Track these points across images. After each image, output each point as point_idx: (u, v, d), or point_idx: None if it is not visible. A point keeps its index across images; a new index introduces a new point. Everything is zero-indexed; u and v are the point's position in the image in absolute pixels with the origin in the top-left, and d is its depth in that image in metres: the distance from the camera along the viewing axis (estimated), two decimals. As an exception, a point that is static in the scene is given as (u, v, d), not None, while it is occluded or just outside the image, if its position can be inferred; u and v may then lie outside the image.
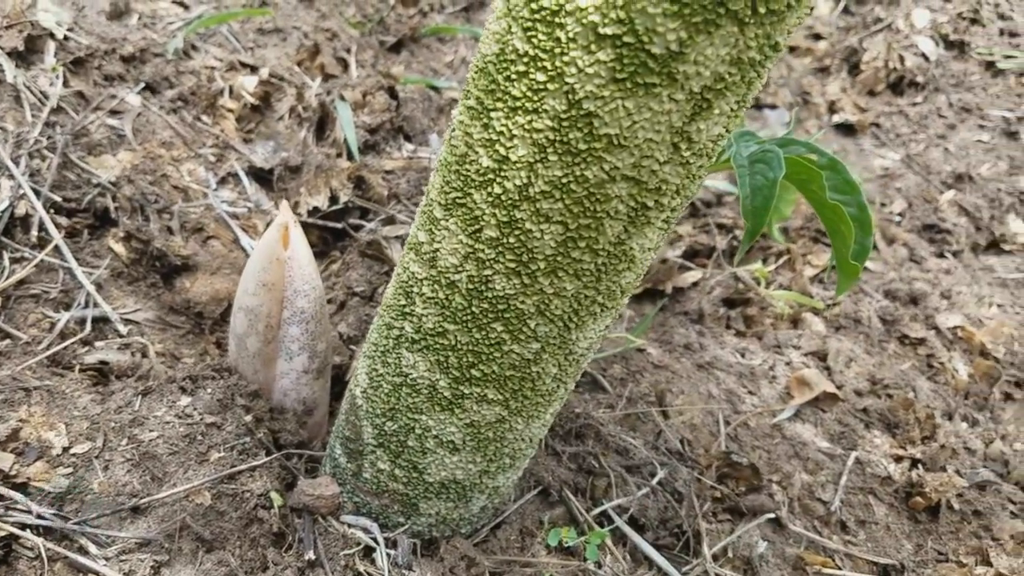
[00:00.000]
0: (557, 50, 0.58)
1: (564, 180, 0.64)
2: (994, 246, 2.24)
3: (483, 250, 0.71)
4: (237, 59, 1.78)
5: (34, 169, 1.28)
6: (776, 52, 0.59)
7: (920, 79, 2.78)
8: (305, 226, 1.48)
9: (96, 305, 1.21)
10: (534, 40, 0.59)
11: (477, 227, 0.70)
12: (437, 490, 0.93)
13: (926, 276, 1.91)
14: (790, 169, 0.93)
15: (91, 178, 1.34)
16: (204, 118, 1.61)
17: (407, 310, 0.81)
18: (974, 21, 3.00)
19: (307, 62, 1.90)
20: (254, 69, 1.77)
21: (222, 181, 1.51)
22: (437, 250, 0.75)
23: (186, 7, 1.85)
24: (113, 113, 1.49)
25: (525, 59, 0.60)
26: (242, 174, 1.52)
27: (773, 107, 2.46)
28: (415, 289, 0.79)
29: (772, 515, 1.20)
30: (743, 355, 1.54)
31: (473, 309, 0.75)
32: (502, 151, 0.65)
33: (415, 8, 2.24)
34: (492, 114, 0.64)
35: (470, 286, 0.74)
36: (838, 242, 0.95)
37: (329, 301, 1.37)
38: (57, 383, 1.03)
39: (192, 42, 1.77)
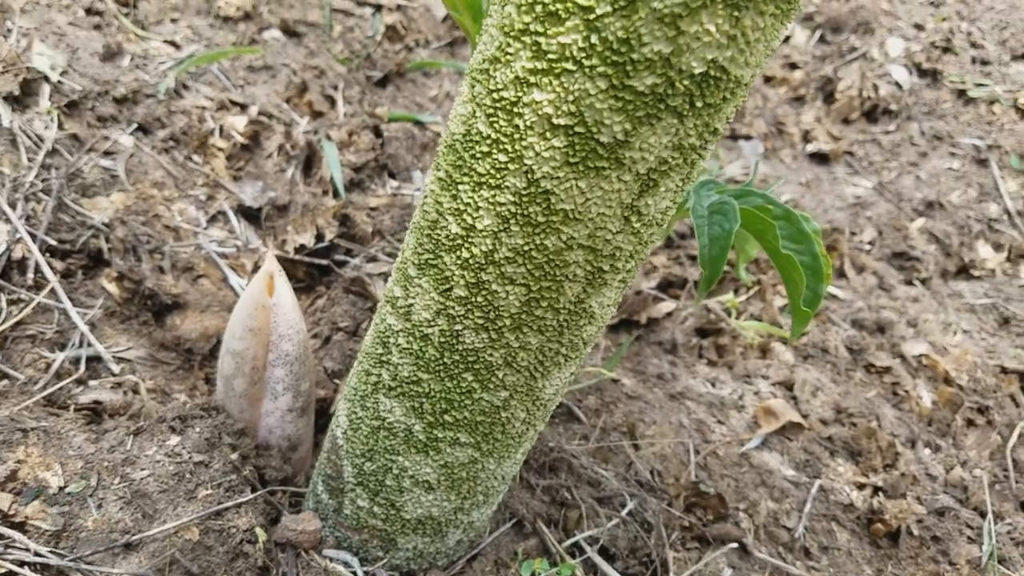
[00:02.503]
0: (516, 135, 0.64)
1: (526, 248, 0.69)
2: (963, 272, 2.31)
3: (453, 307, 0.77)
4: (227, 97, 1.84)
5: (30, 212, 1.34)
6: (716, 136, 0.65)
7: (893, 107, 2.86)
8: (292, 263, 1.53)
9: (90, 344, 1.26)
10: (496, 125, 0.65)
11: (448, 286, 0.76)
12: (414, 526, 0.98)
13: (894, 304, 1.98)
14: (746, 220, 0.99)
15: (85, 220, 1.39)
16: (195, 157, 1.66)
17: (384, 358, 0.86)
18: (947, 50, 3.09)
19: (295, 99, 1.96)
20: (244, 107, 1.83)
21: (212, 220, 1.56)
22: (411, 305, 0.80)
23: (177, 47, 1.91)
24: (106, 154, 1.55)
25: (488, 141, 0.66)
26: (231, 213, 1.57)
27: (748, 138, 2.53)
28: (391, 340, 0.84)
29: (738, 543, 1.26)
30: (714, 385, 1.60)
31: (445, 360, 0.81)
32: (469, 220, 0.71)
33: (401, 44, 2.30)
34: (460, 187, 0.70)
35: (442, 339, 0.80)
36: (791, 289, 1.01)
37: (314, 336, 1.42)
38: (53, 423, 1.08)
39: (183, 81, 1.83)
